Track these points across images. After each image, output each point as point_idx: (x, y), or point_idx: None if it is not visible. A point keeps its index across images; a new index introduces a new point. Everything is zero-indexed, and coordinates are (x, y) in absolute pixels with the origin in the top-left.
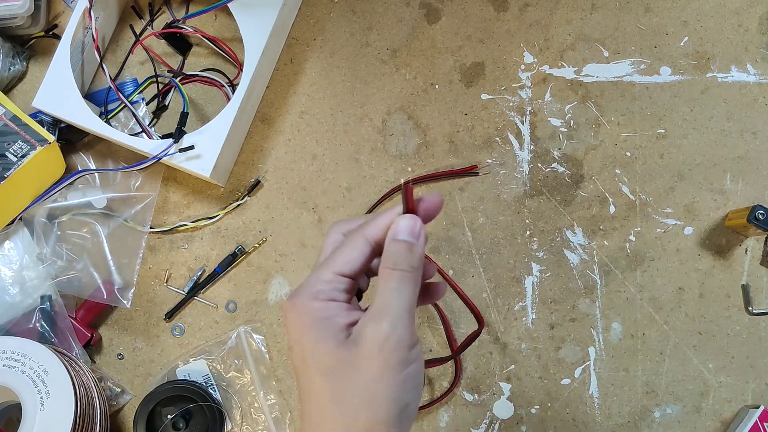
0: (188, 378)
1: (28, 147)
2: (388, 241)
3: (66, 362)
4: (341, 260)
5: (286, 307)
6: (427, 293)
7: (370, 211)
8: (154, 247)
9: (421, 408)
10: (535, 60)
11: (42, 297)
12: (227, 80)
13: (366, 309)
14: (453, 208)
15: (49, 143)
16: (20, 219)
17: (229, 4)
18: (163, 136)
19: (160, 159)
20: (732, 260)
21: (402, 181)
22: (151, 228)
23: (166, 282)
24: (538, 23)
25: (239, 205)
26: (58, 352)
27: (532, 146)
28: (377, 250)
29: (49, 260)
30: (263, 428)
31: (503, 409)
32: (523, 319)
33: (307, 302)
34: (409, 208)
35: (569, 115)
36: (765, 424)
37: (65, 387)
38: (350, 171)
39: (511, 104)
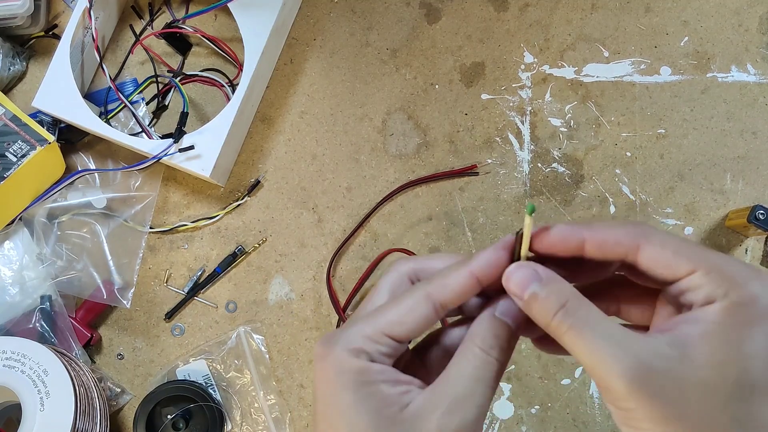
0: (188, 378)
1: (28, 147)
2: (488, 315)
3: (66, 362)
4: (392, 319)
5: (317, 353)
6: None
7: (371, 213)
8: (154, 247)
9: None
10: (535, 60)
11: (42, 297)
12: (227, 80)
13: (407, 373)
14: (453, 208)
15: (49, 143)
16: (20, 219)
17: (229, 4)
18: (163, 136)
19: (160, 159)
20: None
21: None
22: (151, 228)
23: (166, 282)
24: (538, 23)
25: (239, 205)
26: (58, 352)
27: (532, 146)
28: (440, 315)
29: (49, 260)
30: (263, 428)
31: (503, 409)
32: None
33: (345, 358)
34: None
35: (569, 115)
36: None
37: (65, 387)
38: (350, 171)
39: (511, 104)
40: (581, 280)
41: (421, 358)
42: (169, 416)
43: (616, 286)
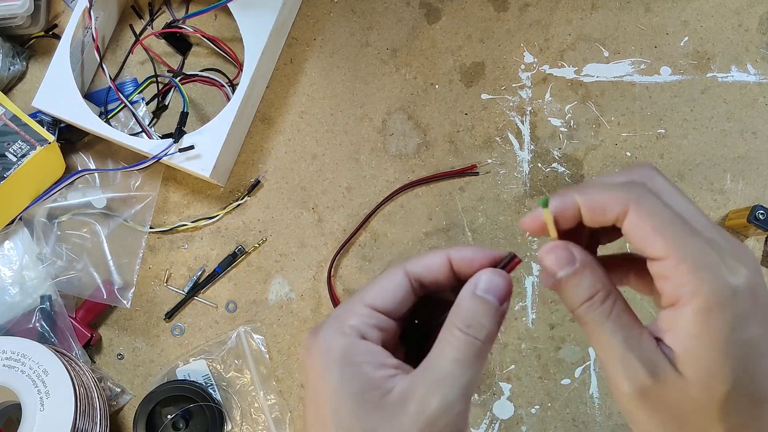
0: (188, 378)
1: (28, 147)
2: (466, 294)
3: (66, 362)
4: (373, 291)
5: (305, 343)
6: None
7: (371, 214)
8: (154, 247)
9: None
10: (535, 60)
11: (42, 297)
12: (227, 80)
13: (401, 360)
14: (453, 208)
15: (49, 143)
16: (20, 219)
17: (229, 4)
18: (163, 136)
19: (160, 159)
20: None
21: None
22: (151, 228)
23: (166, 282)
24: (538, 23)
25: (239, 205)
26: (57, 352)
27: (532, 146)
28: (416, 291)
29: (49, 260)
30: (263, 428)
31: (503, 409)
32: (523, 319)
33: (331, 337)
34: (506, 267)
35: (569, 115)
36: None
37: (65, 387)
38: (350, 171)
39: (511, 104)
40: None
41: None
42: (169, 416)
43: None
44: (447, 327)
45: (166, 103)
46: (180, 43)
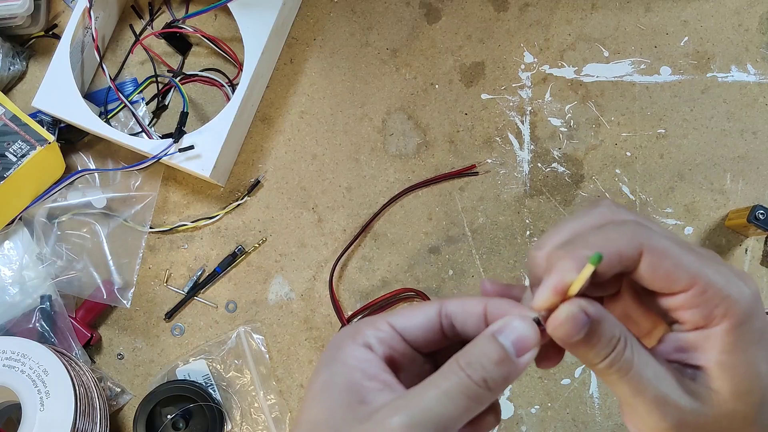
0: (188, 378)
1: (28, 147)
2: (484, 333)
3: (66, 362)
4: (401, 314)
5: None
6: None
7: (372, 219)
8: (153, 247)
9: None
10: (535, 60)
11: (42, 297)
12: (227, 80)
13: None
14: (453, 208)
15: (49, 143)
16: (20, 219)
17: (229, 4)
18: (163, 136)
19: (160, 159)
20: (732, 260)
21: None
22: (150, 228)
23: (166, 282)
24: (538, 23)
25: (239, 205)
26: (57, 352)
27: (532, 146)
28: (446, 329)
29: (48, 260)
30: (263, 428)
31: (503, 409)
32: None
33: (343, 339)
34: (543, 311)
35: (569, 115)
36: None
37: (65, 387)
38: (350, 171)
39: (511, 104)
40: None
41: None
42: (169, 416)
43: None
44: (451, 359)
45: (166, 103)
46: (180, 43)
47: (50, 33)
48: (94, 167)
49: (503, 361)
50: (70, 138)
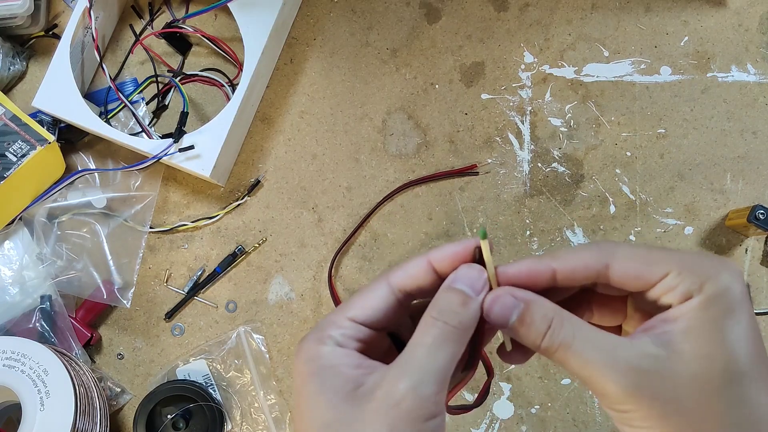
0: (188, 378)
1: (28, 147)
2: (442, 288)
3: (66, 362)
4: (357, 305)
5: (296, 350)
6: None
7: (371, 213)
8: (154, 247)
9: None
10: (535, 60)
11: (42, 297)
12: (227, 80)
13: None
14: (453, 208)
15: (49, 143)
16: (20, 219)
17: (229, 4)
18: (163, 136)
19: (160, 159)
20: (732, 260)
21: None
22: (151, 228)
23: (166, 282)
24: (538, 23)
25: (239, 205)
26: (58, 352)
27: (532, 146)
28: (405, 302)
29: (49, 260)
30: (263, 428)
31: (503, 409)
32: None
33: (312, 346)
34: (480, 261)
35: (569, 114)
36: None
37: (65, 387)
38: (350, 171)
39: (511, 104)
40: (552, 299)
41: None
42: (169, 416)
43: (587, 292)
44: (422, 318)
45: (166, 103)
46: (180, 43)
47: (50, 33)
48: (94, 167)
49: (466, 301)
50: (70, 138)
